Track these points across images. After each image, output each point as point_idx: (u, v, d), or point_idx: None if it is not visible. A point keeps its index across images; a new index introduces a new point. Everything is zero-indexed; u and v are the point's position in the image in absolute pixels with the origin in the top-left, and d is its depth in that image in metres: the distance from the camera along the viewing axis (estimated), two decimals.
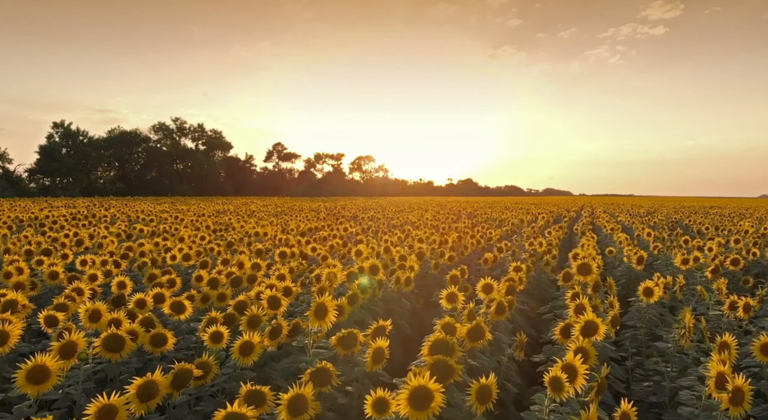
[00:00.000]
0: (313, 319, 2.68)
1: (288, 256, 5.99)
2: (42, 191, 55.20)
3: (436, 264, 5.67)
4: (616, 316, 3.02)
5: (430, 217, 16.41)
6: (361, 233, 9.80)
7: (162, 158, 74.44)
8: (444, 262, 6.11)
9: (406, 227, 11.89)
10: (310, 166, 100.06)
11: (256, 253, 6.39)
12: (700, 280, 5.10)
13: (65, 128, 64.40)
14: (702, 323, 3.10)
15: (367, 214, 17.42)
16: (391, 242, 7.87)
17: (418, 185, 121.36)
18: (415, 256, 5.89)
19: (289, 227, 10.25)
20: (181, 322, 3.53)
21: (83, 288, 3.86)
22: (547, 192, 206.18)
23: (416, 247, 6.51)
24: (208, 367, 2.48)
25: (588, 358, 2.56)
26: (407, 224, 14.21)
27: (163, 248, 6.85)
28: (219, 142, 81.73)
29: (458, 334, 2.62)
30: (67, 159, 62.72)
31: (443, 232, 10.92)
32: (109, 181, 69.69)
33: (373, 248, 7.13)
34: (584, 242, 7.75)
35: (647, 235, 9.01)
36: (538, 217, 16.25)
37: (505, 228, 11.40)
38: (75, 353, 2.48)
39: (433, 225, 12.76)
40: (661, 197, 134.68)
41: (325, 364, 2.26)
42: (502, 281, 4.31)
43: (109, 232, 8.80)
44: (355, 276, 4.25)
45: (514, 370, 2.98)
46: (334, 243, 7.37)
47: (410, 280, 4.44)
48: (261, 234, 8.83)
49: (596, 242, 8.36)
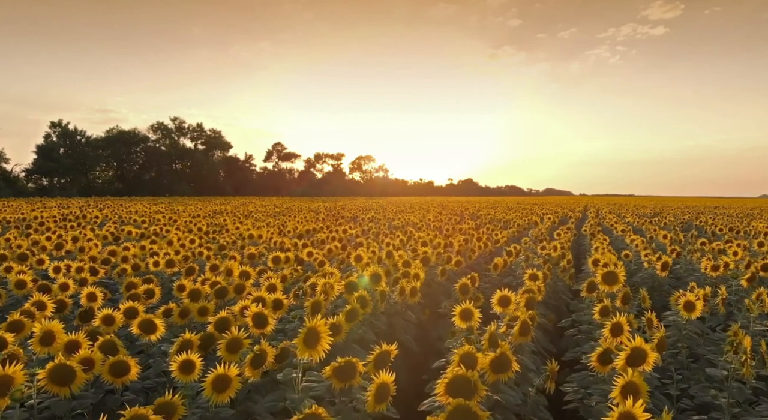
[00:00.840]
0: (301, 347, 2.21)
1: (282, 261, 5.52)
2: (39, 191, 54.72)
3: (443, 270, 5.20)
4: (662, 339, 2.55)
5: (432, 218, 15.94)
6: (361, 235, 9.34)
7: (161, 158, 73.97)
8: (451, 267, 5.64)
9: (407, 229, 11.43)
10: (310, 166, 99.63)
11: (248, 258, 5.92)
12: (735, 290, 4.62)
13: (63, 128, 63.88)
14: (762, 347, 2.63)
15: (368, 215, 16.95)
16: (393, 246, 7.40)
17: (418, 185, 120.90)
18: (419, 261, 5.42)
19: (286, 229, 9.79)
20: (153, 343, 3.06)
21: (45, 301, 3.38)
22: (548, 192, 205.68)
23: (420, 251, 6.04)
24: (172, 408, 2.01)
25: (638, 395, 2.11)
26: (409, 225, 13.74)
27: (148, 252, 6.39)
28: (218, 141, 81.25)
29: (480, 366, 2.15)
30: (64, 159, 62.21)
31: (447, 234, 10.47)
32: (108, 181, 69.19)
33: (374, 252, 6.66)
34: (597, 245, 7.28)
35: (663, 238, 8.53)
36: (543, 217, 15.79)
37: (512, 230, 10.93)
38: (8, 392, 2.01)
39: (435, 226, 12.30)
40: (662, 197, 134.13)
41: (316, 410, 1.79)
42: (519, 293, 3.85)
43: (95, 235, 8.34)
44: (354, 286, 3.79)
45: (543, 404, 2.51)
46: (332, 247, 6.90)
47: (416, 291, 3.98)
48: (255, 236, 8.36)
49: (608, 245, 7.89)
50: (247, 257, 6.00)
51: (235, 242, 7.85)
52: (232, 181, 79.70)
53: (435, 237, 9.48)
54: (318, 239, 8.08)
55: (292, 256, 5.74)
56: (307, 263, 5.88)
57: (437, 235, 9.64)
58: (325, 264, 5.56)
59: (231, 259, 5.78)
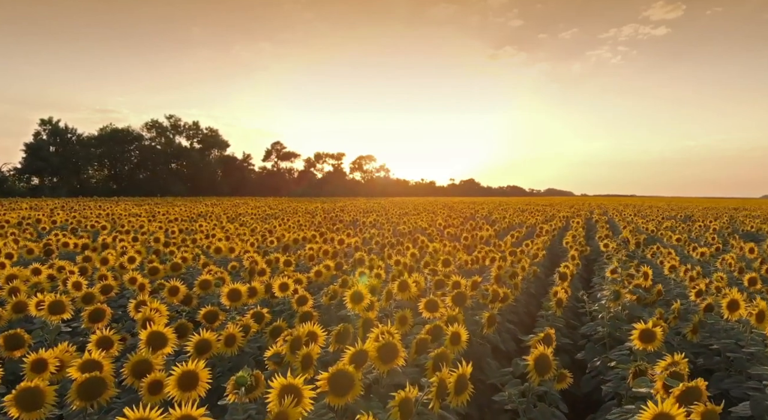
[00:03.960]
0: None
1: (242, 297, 3.67)
2: (31, 191, 52.83)
3: (491, 319, 3.32)
4: None
5: (442, 222, 14.08)
6: (362, 246, 7.49)
7: (156, 157, 72.01)
8: (496, 308, 3.76)
9: (417, 236, 9.57)
10: (309, 166, 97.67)
11: (199, 287, 4.06)
12: None
13: (53, 125, 61.69)
14: None
15: (369, 218, 15.10)
16: (404, 265, 5.56)
17: (419, 185, 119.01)
18: (450, 299, 3.57)
19: (269, 240, 7.92)
20: None
21: None
22: (549, 192, 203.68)
23: (449, 283, 4.17)
24: None
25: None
26: (417, 231, 11.88)
27: (62, 279, 4.54)
28: (215, 140, 79.26)
29: None
30: (54, 157, 60.05)
31: (466, 243, 8.60)
32: (101, 181, 67.18)
33: (380, 275, 4.82)
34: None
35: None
36: (569, 222, 13.92)
37: (543, 238, 9.06)
38: None
39: (450, 233, 10.43)
40: (662, 197, 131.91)
41: None
42: (659, 373, 2.03)
43: (19, 247, 6.50)
44: (345, 382, 1.94)
45: None
46: (322, 268, 5.05)
47: (464, 387, 2.08)
48: (225, 250, 6.51)
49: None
50: (198, 286, 4.14)
51: (196, 258, 6.01)
52: (229, 180, 77.69)
53: (454, 249, 7.62)
54: (306, 254, 6.23)
55: (260, 290, 3.88)
56: (279, 300, 4.03)
57: (456, 247, 7.79)
58: (307, 301, 3.71)
59: (169, 295, 3.92)
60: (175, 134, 75.36)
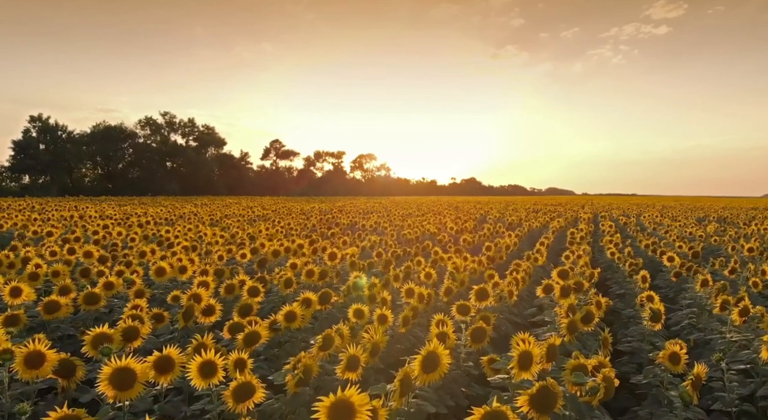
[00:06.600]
0: None
1: (133, 387, 1.98)
2: (22, 190, 51.01)
3: None
4: None
5: (452, 225, 12.38)
6: (359, 261, 5.78)
7: (150, 155, 70.10)
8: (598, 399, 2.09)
9: (426, 244, 7.89)
10: (309, 165, 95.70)
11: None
12: None
13: (43, 122, 59.61)
14: None
15: (369, 221, 13.39)
16: (419, 298, 3.86)
17: (420, 184, 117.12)
18: (526, 400, 1.87)
19: (239, 254, 6.21)
20: None
21: None
22: (550, 191, 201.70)
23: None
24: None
25: None
26: (425, 237, 10.18)
27: None
28: (211, 138, 77.28)
29: None
30: (43, 155, 58.07)
31: (490, 254, 6.90)
32: (93, 180, 65.28)
33: (384, 319, 3.15)
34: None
35: None
36: (598, 225, 12.21)
37: (583, 246, 7.35)
38: None
39: (466, 241, 8.72)
40: (663, 196, 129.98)
41: None
42: None
43: None
44: None
45: None
46: (296, 309, 3.34)
47: None
48: (176, 270, 4.81)
49: None
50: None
51: (129, 282, 4.31)
52: (226, 179, 75.71)
53: (479, 265, 5.94)
54: (282, 278, 4.52)
55: (175, 372, 2.20)
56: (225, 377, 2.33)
57: (480, 261, 6.11)
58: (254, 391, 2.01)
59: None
60: (170, 132, 73.40)
